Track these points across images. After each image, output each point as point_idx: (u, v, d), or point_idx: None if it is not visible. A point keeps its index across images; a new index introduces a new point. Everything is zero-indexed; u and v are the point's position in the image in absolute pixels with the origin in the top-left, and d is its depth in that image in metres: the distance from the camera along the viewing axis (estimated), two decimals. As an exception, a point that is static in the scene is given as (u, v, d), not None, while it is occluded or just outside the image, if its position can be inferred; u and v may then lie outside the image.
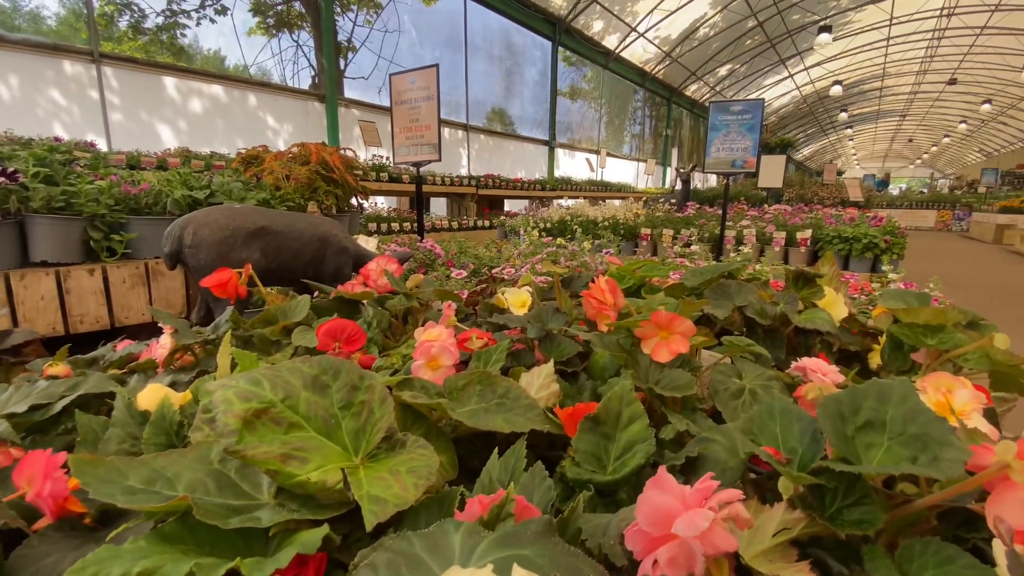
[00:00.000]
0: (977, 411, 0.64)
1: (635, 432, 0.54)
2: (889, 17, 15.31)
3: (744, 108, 4.06)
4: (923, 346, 0.92)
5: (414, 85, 3.09)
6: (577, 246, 2.54)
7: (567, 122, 13.86)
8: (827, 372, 0.76)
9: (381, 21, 9.12)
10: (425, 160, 3.16)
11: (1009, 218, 10.22)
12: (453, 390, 0.62)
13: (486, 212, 8.43)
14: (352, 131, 7.88)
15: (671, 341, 0.73)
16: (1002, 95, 21.29)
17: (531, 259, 1.96)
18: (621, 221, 4.87)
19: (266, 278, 1.24)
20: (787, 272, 1.12)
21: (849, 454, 0.42)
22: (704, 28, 14.41)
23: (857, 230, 3.67)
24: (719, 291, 1.17)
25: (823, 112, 26.08)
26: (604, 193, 13.11)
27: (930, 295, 1.04)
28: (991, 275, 6.34)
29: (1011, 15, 14.30)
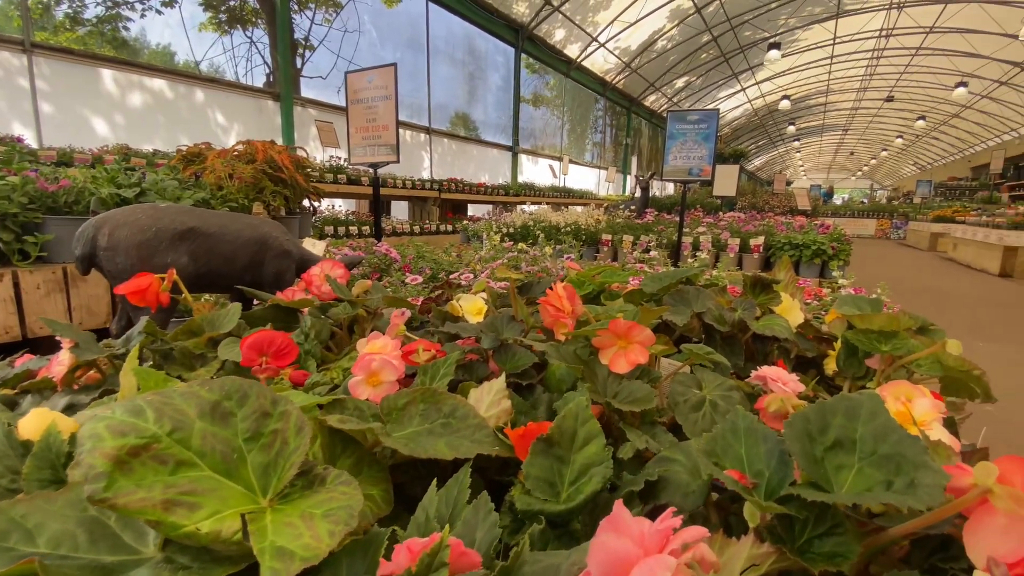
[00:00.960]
0: (938, 421, 0.63)
1: (591, 454, 0.49)
2: (833, 36, 16.22)
3: (700, 117, 4.16)
4: (877, 352, 0.92)
5: (371, 84, 2.99)
6: (539, 251, 2.51)
7: (530, 128, 13.94)
8: (787, 381, 0.74)
9: (340, 20, 8.91)
10: (383, 161, 3.06)
11: (942, 227, 10.95)
12: (392, 410, 0.56)
13: (449, 216, 8.33)
14: (309, 131, 7.64)
15: (630, 351, 0.69)
16: (935, 112, 22.92)
17: (491, 264, 1.91)
18: (583, 227, 4.89)
19: (196, 285, 1.13)
20: (744, 278, 1.11)
21: (819, 478, 0.38)
22: (662, 41, 14.83)
23: (806, 237, 3.81)
24: (678, 297, 1.15)
25: (773, 125, 27.33)
26: (567, 199, 13.23)
27: (881, 301, 1.05)
28: (927, 280, 6.75)
29: (944, 37, 15.40)
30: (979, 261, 8.08)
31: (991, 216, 8.55)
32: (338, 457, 0.49)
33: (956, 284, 6.46)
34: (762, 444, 0.42)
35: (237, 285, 1.12)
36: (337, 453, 0.49)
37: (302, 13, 8.60)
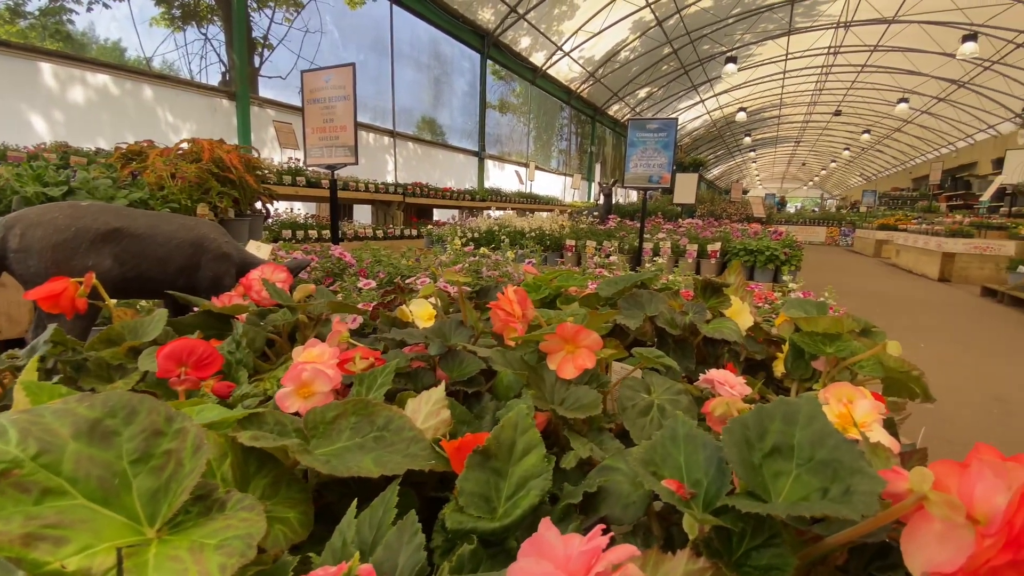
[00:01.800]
0: (878, 422, 0.64)
1: (530, 465, 0.47)
2: (785, 52, 16.98)
3: (660, 126, 4.25)
4: (822, 354, 0.93)
5: (328, 83, 2.91)
6: (501, 255, 2.48)
7: (497, 134, 13.96)
8: (734, 385, 0.74)
9: (301, 20, 8.70)
10: (340, 163, 2.98)
11: (886, 234, 11.58)
12: (319, 424, 0.52)
13: (414, 221, 8.22)
14: (267, 132, 7.40)
15: (577, 356, 0.67)
16: (879, 126, 24.30)
17: (450, 269, 1.87)
18: (547, 232, 4.91)
19: (123, 290, 1.05)
20: (696, 282, 1.12)
21: (756, 486, 0.37)
22: (625, 51, 15.16)
23: (760, 243, 3.94)
24: (632, 301, 1.14)
25: (730, 136, 28.35)
26: (533, 205, 13.30)
27: (827, 304, 1.08)
28: (873, 284, 7.10)
29: (887, 55, 16.35)
30: (920, 267, 8.57)
31: (930, 225, 9.10)
32: (252, 477, 0.45)
33: (899, 288, 6.82)
34: (701, 451, 0.41)
35: (169, 290, 1.05)
36: (251, 473, 0.45)
37: (261, 12, 8.37)
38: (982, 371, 3.11)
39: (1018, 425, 2.25)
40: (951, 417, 2.34)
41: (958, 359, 3.35)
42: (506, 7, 10.91)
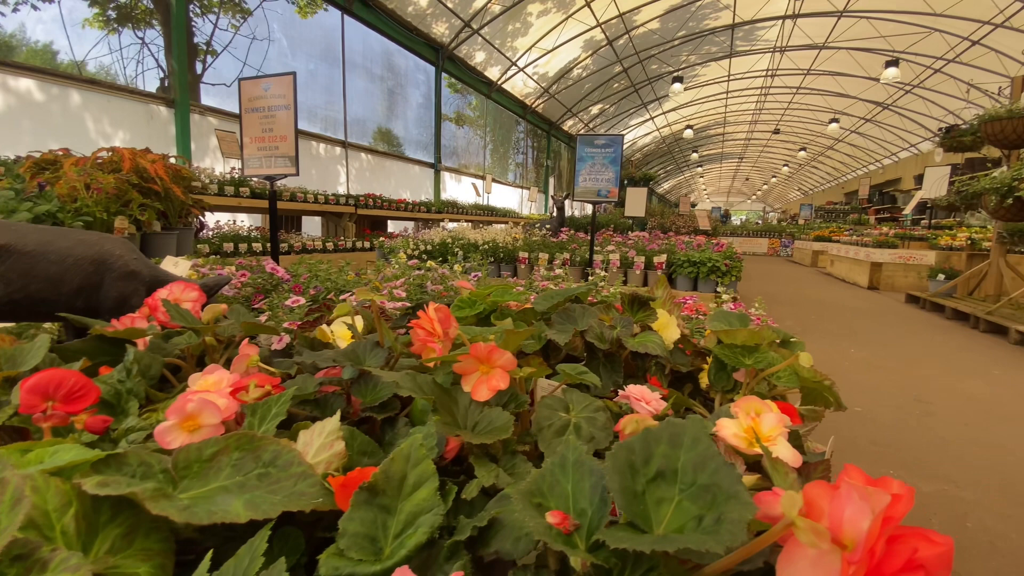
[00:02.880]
0: (782, 435, 0.65)
1: (421, 500, 0.44)
2: (728, 74, 17.91)
3: (607, 142, 4.36)
4: (742, 366, 0.95)
5: (268, 92, 2.82)
6: (447, 269, 2.45)
7: (453, 147, 13.96)
8: (650, 400, 0.74)
9: (248, 27, 8.46)
10: (280, 173, 2.87)
11: (821, 245, 12.30)
12: (193, 463, 0.47)
13: (367, 233, 8.06)
14: (209, 141, 7.10)
15: (492, 377, 0.65)
16: (814, 144, 25.93)
17: (390, 284, 1.82)
18: (501, 245, 4.91)
19: (11, 313, 0.95)
20: (623, 296, 1.13)
21: (637, 515, 0.35)
22: (577, 69, 15.56)
23: (703, 255, 4.08)
24: (565, 316, 1.14)
25: (679, 151, 29.51)
26: (490, 217, 13.34)
27: (749, 316, 1.11)
28: (810, 292, 7.50)
29: (819, 78, 17.54)
30: (851, 275, 9.14)
31: (860, 236, 9.75)
32: (102, 528, 0.40)
33: (833, 296, 7.24)
34: (588, 479, 0.39)
35: (64, 313, 0.96)
36: (101, 523, 0.40)
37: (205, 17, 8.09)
38: (905, 373, 3.32)
39: (934, 424, 2.41)
40: (876, 418, 2.47)
41: (884, 363, 3.57)
42: (460, 22, 10.99)
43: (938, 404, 2.71)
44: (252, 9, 8.51)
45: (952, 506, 1.68)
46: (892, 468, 1.92)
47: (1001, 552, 1.45)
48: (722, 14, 13.71)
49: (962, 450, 2.13)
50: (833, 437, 0.87)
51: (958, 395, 2.88)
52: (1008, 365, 3.63)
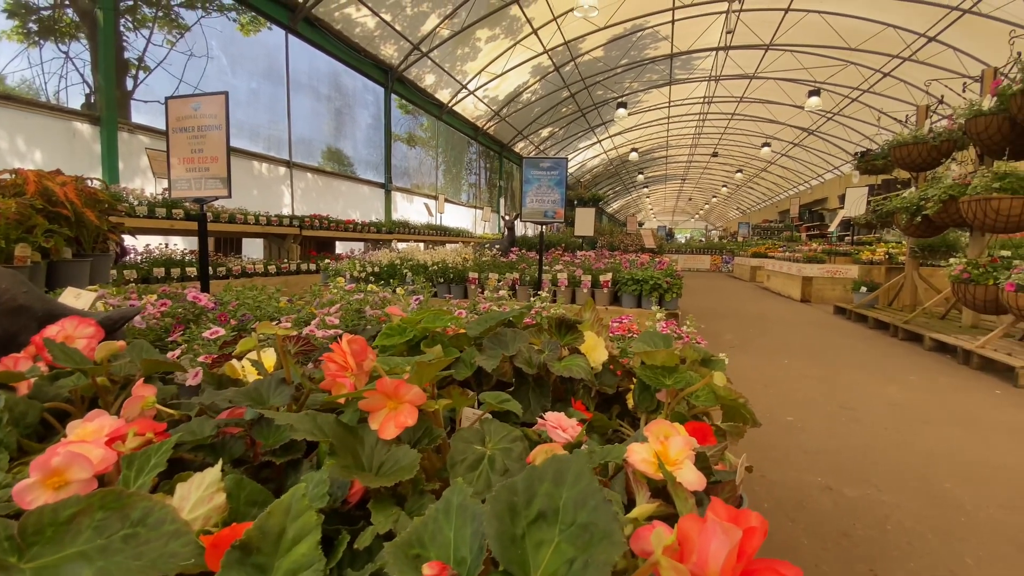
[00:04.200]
0: (689, 458, 0.66)
1: (301, 556, 0.41)
2: (668, 100, 18.85)
3: (551, 165, 4.46)
4: (663, 386, 0.97)
5: (197, 112, 2.70)
6: (389, 292, 2.40)
7: (405, 167, 13.89)
8: (566, 427, 0.74)
9: (186, 43, 8.17)
10: (211, 196, 2.75)
11: (758, 261, 13.00)
12: (47, 526, 0.42)
13: (312, 255, 7.82)
14: (139, 160, 6.73)
15: (399, 413, 0.63)
16: (749, 166, 27.57)
17: (322, 310, 1.76)
18: (450, 265, 4.88)
19: None
20: (549, 320, 1.14)
21: (513, 562, 0.34)
22: (527, 93, 15.94)
23: (646, 273, 4.21)
24: (496, 341, 1.14)
25: (626, 173, 30.62)
26: (443, 237, 13.29)
27: (673, 337, 1.14)
28: (748, 306, 7.89)
29: (751, 105, 18.75)
30: (786, 289, 9.69)
31: (792, 252, 10.38)
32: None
33: (769, 309, 7.63)
34: (470, 524, 0.38)
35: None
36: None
37: (138, 31, 7.77)
38: (833, 382, 3.51)
39: (859, 430, 2.55)
40: (807, 427, 2.59)
41: (814, 372, 3.77)
42: (409, 44, 11.05)
43: (862, 411, 2.88)
44: (190, 25, 8.24)
45: (874, 510, 1.77)
46: (820, 475, 2.01)
47: (918, 553, 1.54)
48: (661, 44, 14.48)
49: (884, 454, 2.27)
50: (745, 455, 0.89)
51: (880, 401, 3.08)
52: (923, 371, 3.93)
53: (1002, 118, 4.36)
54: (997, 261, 4.35)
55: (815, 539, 1.58)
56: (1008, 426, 2.70)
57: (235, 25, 8.50)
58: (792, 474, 2.02)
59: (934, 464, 2.17)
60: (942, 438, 2.48)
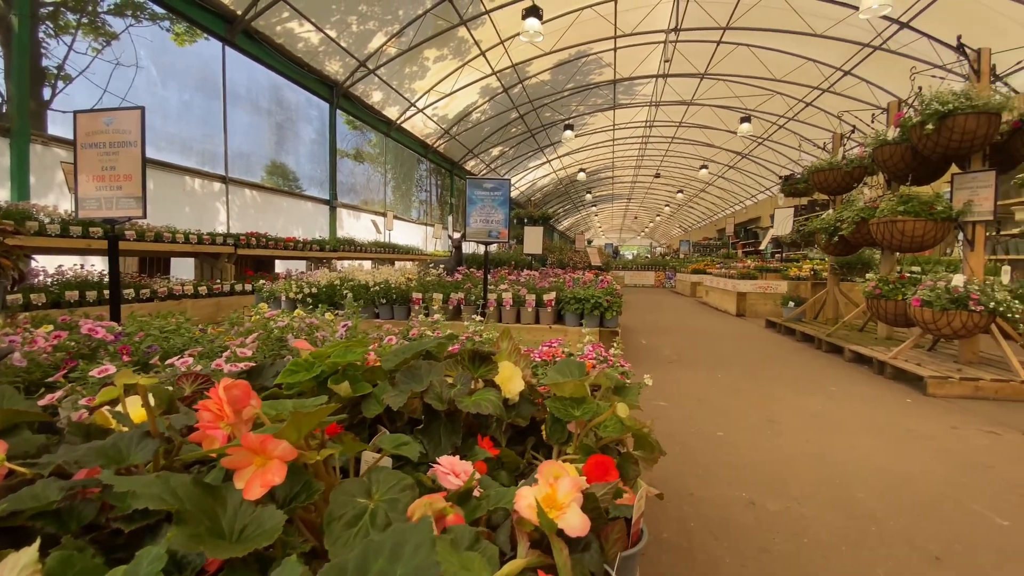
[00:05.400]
0: (576, 501, 0.65)
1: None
2: (613, 123, 19.58)
3: (494, 186, 4.49)
4: (571, 418, 0.97)
5: (110, 127, 2.53)
6: (317, 317, 2.30)
7: (352, 183, 13.62)
8: (458, 472, 0.72)
9: (112, 52, 7.73)
10: (123, 216, 2.56)
11: (698, 277, 13.58)
12: None
13: (249, 275, 7.47)
14: (54, 174, 6.25)
15: (267, 470, 0.58)
16: (689, 187, 28.95)
17: (235, 341, 1.66)
18: (393, 285, 4.78)
19: None
20: (461, 353, 1.12)
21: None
22: (476, 113, 16.10)
23: (588, 292, 4.29)
24: (409, 374, 1.10)
25: (575, 192, 31.40)
26: (392, 255, 13.06)
27: (585, 364, 1.14)
28: (687, 321, 8.19)
29: (690, 130, 19.77)
30: (723, 304, 10.15)
31: (728, 269, 10.92)
32: None
33: (706, 324, 7.96)
34: (293, 611, 0.35)
35: None
36: None
37: (59, 39, 7.30)
38: (760, 395, 3.68)
39: (783, 443, 2.68)
40: (734, 441, 2.69)
41: (744, 386, 3.94)
42: (355, 61, 10.94)
43: (786, 423, 3.02)
44: (118, 33, 7.83)
45: (793, 523, 1.84)
46: (745, 490, 2.08)
47: (832, 566, 1.60)
48: (605, 70, 15.06)
49: (804, 467, 2.38)
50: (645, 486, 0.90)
51: (802, 413, 3.25)
52: (843, 382, 4.18)
53: (905, 147, 4.80)
54: (905, 278, 4.75)
55: (736, 556, 1.62)
56: (916, 434, 2.91)
57: (168, 35, 8.13)
58: (719, 490, 2.08)
59: (849, 474, 2.30)
60: (857, 448, 2.64)
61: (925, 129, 4.11)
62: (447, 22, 10.78)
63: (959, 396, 3.73)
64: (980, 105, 3.94)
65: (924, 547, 1.71)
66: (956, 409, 3.42)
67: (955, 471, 2.37)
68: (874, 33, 10.75)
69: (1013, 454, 2.61)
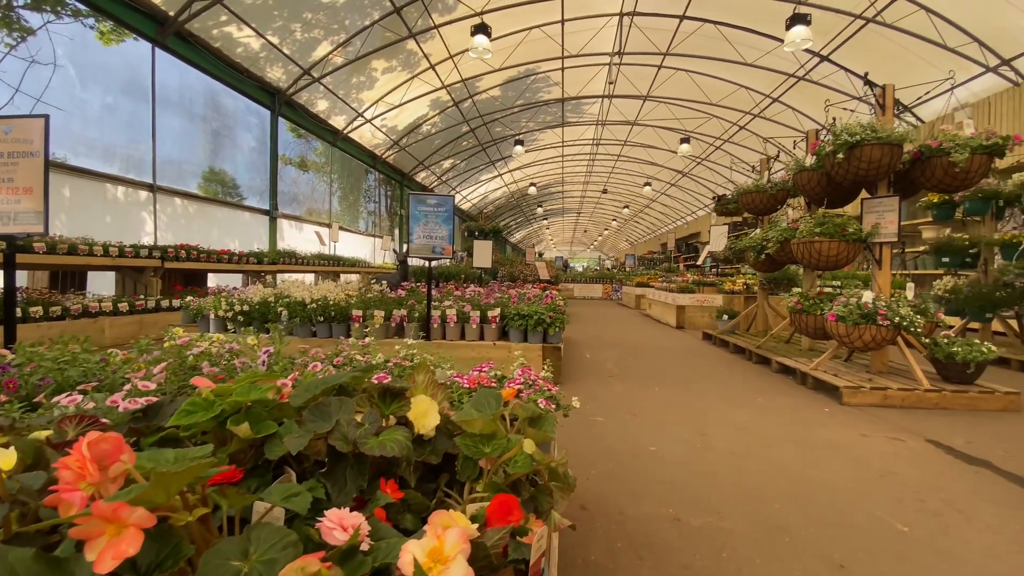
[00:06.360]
0: (463, 553, 0.65)
1: None
2: (562, 140, 20.04)
3: (438, 202, 4.47)
4: (481, 456, 0.97)
5: (8, 136, 2.32)
6: (239, 341, 2.19)
7: (294, 193, 13.17)
8: (347, 526, 0.70)
9: (27, 49, 7.16)
10: (20, 232, 2.35)
11: (642, 290, 14.04)
12: None
13: (178, 289, 7.03)
14: (-52, 180, 5.66)
15: (121, 539, 0.54)
16: (635, 202, 29.99)
17: (138, 374, 1.54)
18: (332, 302, 4.63)
19: None
20: (370, 389, 1.09)
21: None
22: (427, 125, 16.04)
23: (531, 308, 4.33)
24: (318, 412, 1.07)
25: (527, 205, 31.82)
26: (337, 268, 12.68)
27: (502, 396, 1.15)
28: (630, 334, 8.43)
29: (634, 148, 20.52)
30: (664, 317, 10.54)
31: (669, 283, 11.36)
32: None
33: (648, 337, 8.22)
34: None
35: None
36: None
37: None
38: (693, 408, 3.83)
39: (711, 457, 2.79)
40: (666, 456, 2.77)
41: (679, 399, 4.09)
42: (298, 68, 10.65)
43: (715, 436, 3.15)
44: (35, 28, 7.29)
45: (714, 538, 1.91)
46: (672, 506, 2.15)
47: (747, 576, 1.67)
48: (553, 89, 15.43)
49: (728, 480, 2.48)
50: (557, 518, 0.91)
51: (731, 425, 3.40)
52: (769, 393, 4.42)
53: (820, 173, 5.19)
54: (823, 294, 5.10)
55: (659, 574, 1.66)
56: (830, 443, 3.11)
57: (93, 33, 7.62)
58: (647, 507, 2.13)
59: (768, 485, 2.42)
60: (776, 459, 2.79)
61: (837, 158, 4.47)
62: (395, 34, 10.72)
63: (871, 404, 4.03)
64: (884, 137, 4.33)
65: (830, 556, 1.82)
66: (867, 417, 3.69)
67: (863, 479, 2.54)
68: (798, 64, 11.63)
69: (914, 460, 2.84)
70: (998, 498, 2.35)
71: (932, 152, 4.41)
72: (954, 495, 2.37)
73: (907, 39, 9.32)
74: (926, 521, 2.11)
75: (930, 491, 2.41)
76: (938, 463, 2.79)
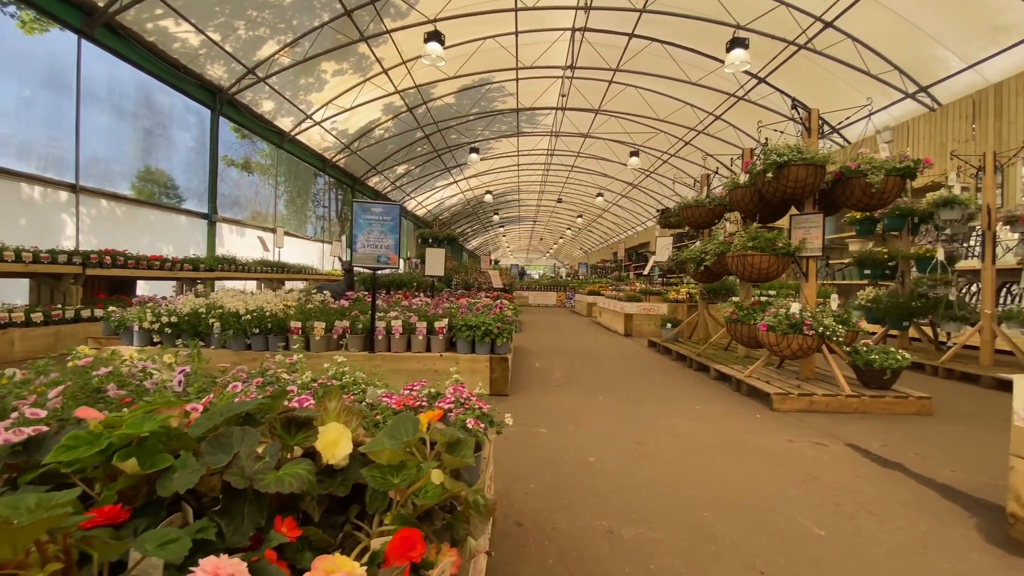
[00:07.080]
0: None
1: None
2: (517, 149, 20.22)
3: (384, 211, 4.39)
4: (391, 488, 0.94)
5: None
6: (154, 360, 2.06)
7: (237, 196, 12.59)
8: (222, 573, 0.66)
9: (-72, 32, 6.53)
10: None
11: (593, 298, 14.32)
12: None
13: (101, 298, 6.55)
14: None
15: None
16: (588, 212, 30.60)
17: (24, 401, 1.41)
18: (269, 313, 4.44)
19: None
20: (273, 421, 1.05)
21: None
22: (379, 130, 15.78)
23: (479, 319, 4.32)
24: (217, 444, 1.01)
25: (483, 212, 31.83)
26: (281, 275, 12.21)
27: (420, 422, 1.12)
28: (580, 342, 8.57)
29: (587, 160, 20.96)
30: (613, 324, 10.78)
31: (619, 291, 11.64)
32: None
33: (597, 344, 8.38)
34: None
35: None
36: None
37: None
38: (634, 416, 3.92)
39: (647, 466, 2.85)
40: (605, 466, 2.82)
41: (621, 407, 4.17)
42: (242, 67, 10.24)
43: (653, 445, 3.24)
44: (-62, 10, 6.67)
45: (643, 548, 1.95)
46: (606, 518, 2.18)
47: (673, 585, 1.71)
48: (508, 99, 15.56)
49: (662, 489, 2.55)
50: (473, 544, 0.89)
51: (668, 433, 3.50)
52: (707, 400, 4.59)
53: (753, 190, 5.48)
54: (756, 304, 5.37)
55: (588, 591, 1.67)
56: (760, 448, 3.25)
57: (14, 22, 7.02)
58: (581, 520, 2.15)
59: (699, 493, 2.50)
60: (708, 466, 2.89)
61: (767, 176, 4.74)
62: (346, 37, 10.52)
63: (798, 410, 4.26)
64: (809, 158, 4.62)
65: (751, 562, 1.89)
66: (794, 423, 3.90)
67: (787, 484, 2.67)
68: (738, 85, 12.27)
69: (834, 464, 3.02)
70: (908, 500, 2.53)
71: (851, 173, 4.75)
72: (868, 498, 2.53)
73: (835, 65, 10.04)
74: (842, 524, 2.24)
75: (847, 495, 2.56)
76: (855, 466, 2.98)
